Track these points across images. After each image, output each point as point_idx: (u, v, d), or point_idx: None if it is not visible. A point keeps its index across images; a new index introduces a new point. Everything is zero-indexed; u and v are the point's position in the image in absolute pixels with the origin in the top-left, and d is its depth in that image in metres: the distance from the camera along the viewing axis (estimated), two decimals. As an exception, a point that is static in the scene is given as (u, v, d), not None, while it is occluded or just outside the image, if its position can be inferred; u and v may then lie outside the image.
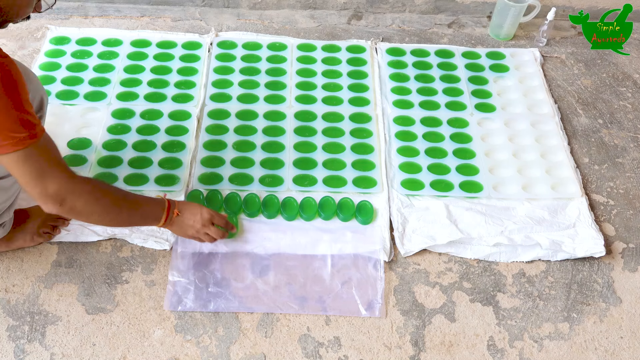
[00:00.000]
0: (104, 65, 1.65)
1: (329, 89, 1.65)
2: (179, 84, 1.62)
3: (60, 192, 0.94)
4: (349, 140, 1.51)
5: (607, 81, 1.77)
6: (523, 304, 1.24)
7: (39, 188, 0.93)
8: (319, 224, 1.34)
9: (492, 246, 1.31)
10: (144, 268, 1.25)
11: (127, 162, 1.41)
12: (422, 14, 1.95)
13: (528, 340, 1.19)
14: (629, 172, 1.52)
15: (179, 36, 1.77)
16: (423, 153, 1.48)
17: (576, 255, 1.31)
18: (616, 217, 1.41)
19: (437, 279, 1.27)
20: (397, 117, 1.57)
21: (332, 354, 1.15)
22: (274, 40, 1.78)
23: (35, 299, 1.19)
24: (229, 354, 1.14)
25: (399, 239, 1.31)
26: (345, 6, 1.92)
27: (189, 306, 1.19)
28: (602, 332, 1.21)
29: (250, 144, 1.48)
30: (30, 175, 0.91)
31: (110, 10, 1.87)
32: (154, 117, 1.53)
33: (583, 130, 1.61)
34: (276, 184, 1.39)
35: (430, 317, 1.21)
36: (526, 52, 1.82)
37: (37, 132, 0.89)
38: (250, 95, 1.61)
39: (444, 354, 1.16)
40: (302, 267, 1.26)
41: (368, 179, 1.42)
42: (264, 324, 1.18)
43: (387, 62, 1.74)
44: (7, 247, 1.23)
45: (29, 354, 1.11)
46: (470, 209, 1.37)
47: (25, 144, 0.87)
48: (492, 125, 1.58)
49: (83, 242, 1.27)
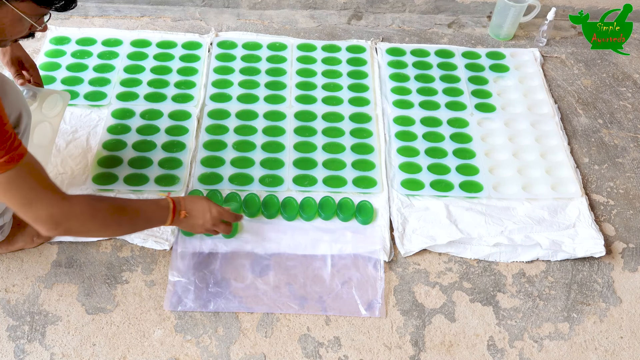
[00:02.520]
0: (104, 65, 1.65)
1: (329, 89, 1.65)
2: (179, 84, 1.62)
3: (53, 216, 0.90)
4: (349, 140, 1.51)
5: (607, 81, 1.77)
6: (523, 304, 1.24)
7: (30, 213, 0.89)
8: (319, 224, 1.34)
9: (492, 246, 1.31)
10: (144, 268, 1.25)
11: (127, 162, 1.41)
12: (422, 14, 1.96)
13: (528, 340, 1.19)
14: (629, 172, 1.52)
15: (179, 36, 1.77)
16: (423, 153, 1.48)
17: (576, 255, 1.31)
18: (616, 217, 1.41)
19: (437, 279, 1.27)
20: (397, 117, 1.57)
21: (332, 354, 1.15)
22: (274, 40, 1.78)
23: (35, 299, 1.19)
24: (229, 354, 1.14)
25: (399, 239, 1.31)
26: (345, 6, 1.93)
27: (189, 306, 1.19)
28: (602, 332, 1.21)
29: (250, 144, 1.48)
30: (18, 201, 0.87)
31: (110, 10, 1.87)
32: (154, 117, 1.53)
33: (583, 130, 1.62)
34: (276, 184, 1.39)
35: (430, 317, 1.21)
36: (526, 52, 1.82)
37: (15, 156, 0.83)
38: (250, 95, 1.61)
39: (444, 354, 1.16)
40: (302, 267, 1.26)
41: (368, 179, 1.42)
42: (264, 324, 1.18)
43: (387, 62, 1.74)
44: (7, 249, 1.23)
45: (29, 354, 1.11)
46: (470, 209, 1.37)
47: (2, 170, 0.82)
48: (492, 125, 1.58)
49: (83, 242, 1.27)
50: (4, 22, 0.86)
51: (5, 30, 0.87)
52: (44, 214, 0.89)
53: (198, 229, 1.16)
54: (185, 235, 1.29)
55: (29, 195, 0.87)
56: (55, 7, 0.89)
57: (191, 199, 1.15)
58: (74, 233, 0.96)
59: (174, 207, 1.09)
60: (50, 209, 0.89)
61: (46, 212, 0.89)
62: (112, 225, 1.01)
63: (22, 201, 0.87)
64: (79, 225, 0.94)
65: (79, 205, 0.94)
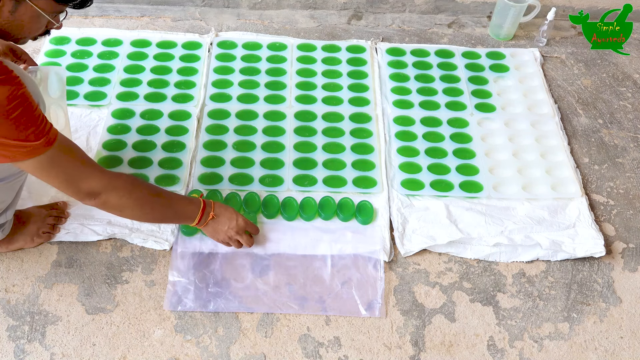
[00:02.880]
0: (104, 65, 1.65)
1: (329, 89, 1.65)
2: (179, 84, 1.62)
3: (95, 189, 0.98)
4: (349, 140, 1.51)
5: (607, 81, 1.77)
6: (523, 304, 1.24)
7: (73, 187, 0.96)
8: (319, 224, 1.34)
9: (492, 246, 1.31)
10: (144, 268, 1.25)
11: (127, 162, 1.41)
12: (422, 14, 1.95)
13: (528, 340, 1.19)
14: (629, 172, 1.52)
15: (179, 36, 1.77)
16: (423, 153, 1.48)
17: (576, 255, 1.31)
18: (616, 217, 1.41)
19: (437, 279, 1.27)
20: (397, 117, 1.57)
21: (332, 354, 1.15)
22: (274, 40, 1.78)
23: (35, 299, 1.19)
24: (229, 354, 1.14)
25: (399, 239, 1.31)
26: (345, 6, 1.92)
27: (189, 306, 1.19)
28: (602, 332, 1.21)
29: (250, 144, 1.48)
30: (60, 178, 0.95)
31: (110, 10, 1.87)
32: (154, 117, 1.53)
33: (583, 130, 1.61)
34: (276, 184, 1.39)
35: (430, 317, 1.21)
36: (526, 52, 1.82)
37: (51, 137, 0.90)
38: (250, 95, 1.61)
39: (444, 354, 1.16)
40: (302, 267, 1.26)
41: (368, 179, 1.42)
42: (264, 324, 1.18)
43: (387, 62, 1.74)
44: (7, 249, 1.23)
45: (29, 354, 1.11)
46: (470, 209, 1.37)
47: (42, 151, 0.89)
48: (492, 125, 1.58)
49: (83, 242, 1.27)
50: (23, 18, 0.89)
51: (24, 27, 0.91)
52: (86, 187, 0.97)
53: (221, 234, 1.21)
54: (185, 235, 1.29)
55: (71, 171, 0.95)
56: (73, 4, 0.93)
57: (221, 205, 1.21)
58: (110, 207, 1.03)
59: (204, 208, 1.15)
60: (92, 182, 0.98)
61: (88, 186, 0.97)
62: (146, 206, 1.07)
63: (65, 177, 0.95)
64: (116, 198, 1.01)
65: (119, 180, 1.02)
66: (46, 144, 0.89)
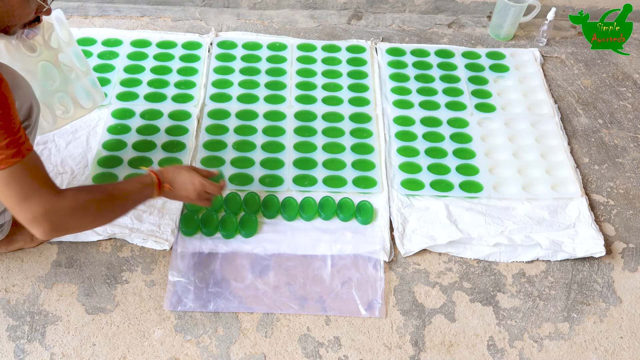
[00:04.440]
0: (104, 65, 1.65)
1: (329, 89, 1.65)
2: (179, 84, 1.62)
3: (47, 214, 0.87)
4: (349, 140, 1.51)
5: (607, 81, 1.77)
6: (523, 304, 1.24)
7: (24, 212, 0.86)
8: (319, 224, 1.34)
9: (492, 246, 1.31)
10: (144, 268, 1.25)
11: (127, 162, 1.41)
12: (422, 14, 1.96)
13: (528, 340, 1.19)
14: (629, 172, 1.52)
15: (179, 36, 1.77)
16: (423, 153, 1.48)
17: (576, 255, 1.31)
18: (616, 217, 1.41)
19: (437, 279, 1.27)
20: (397, 117, 1.57)
21: (332, 354, 1.15)
22: (274, 40, 1.78)
23: (35, 299, 1.19)
24: (229, 354, 1.14)
25: (399, 239, 1.31)
26: (345, 6, 1.93)
27: (189, 306, 1.19)
28: (602, 332, 1.21)
29: (250, 144, 1.48)
30: (14, 197, 0.85)
31: (110, 10, 1.87)
32: (154, 117, 1.53)
33: (583, 130, 1.62)
34: (276, 184, 1.39)
35: (430, 317, 1.21)
36: (526, 52, 1.82)
37: (22, 150, 0.83)
38: (250, 95, 1.61)
39: (444, 354, 1.16)
40: (302, 267, 1.26)
41: (368, 179, 1.42)
42: (264, 324, 1.18)
43: (387, 62, 1.74)
44: (7, 249, 1.23)
45: (29, 354, 1.11)
46: (470, 209, 1.37)
47: (8, 164, 0.82)
48: (492, 125, 1.58)
49: (83, 242, 1.27)
50: (13, 3, 0.87)
51: (14, 14, 0.89)
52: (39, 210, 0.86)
53: (183, 199, 1.14)
54: (186, 235, 1.29)
55: (27, 189, 0.85)
56: None
57: (174, 170, 1.12)
58: (72, 229, 0.95)
59: (159, 182, 1.07)
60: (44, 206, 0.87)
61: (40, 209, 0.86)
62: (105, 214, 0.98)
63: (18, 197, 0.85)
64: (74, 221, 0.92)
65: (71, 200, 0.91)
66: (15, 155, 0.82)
